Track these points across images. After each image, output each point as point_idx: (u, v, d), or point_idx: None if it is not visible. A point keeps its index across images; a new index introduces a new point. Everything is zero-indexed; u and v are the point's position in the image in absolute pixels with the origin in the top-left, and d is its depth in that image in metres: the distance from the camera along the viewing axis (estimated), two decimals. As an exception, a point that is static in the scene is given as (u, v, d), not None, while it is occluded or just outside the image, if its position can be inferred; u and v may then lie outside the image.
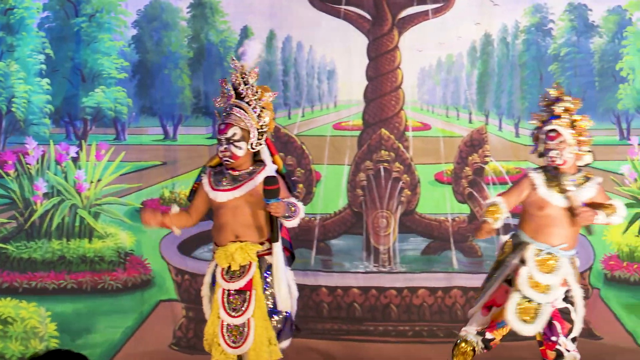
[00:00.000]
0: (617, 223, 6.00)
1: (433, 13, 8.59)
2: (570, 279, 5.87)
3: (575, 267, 5.97)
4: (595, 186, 5.92)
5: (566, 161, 5.85)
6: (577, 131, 5.87)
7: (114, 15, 8.62)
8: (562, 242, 5.86)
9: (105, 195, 8.60)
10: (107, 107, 8.58)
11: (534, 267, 5.82)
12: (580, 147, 5.88)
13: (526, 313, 5.85)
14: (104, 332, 8.42)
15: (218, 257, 5.73)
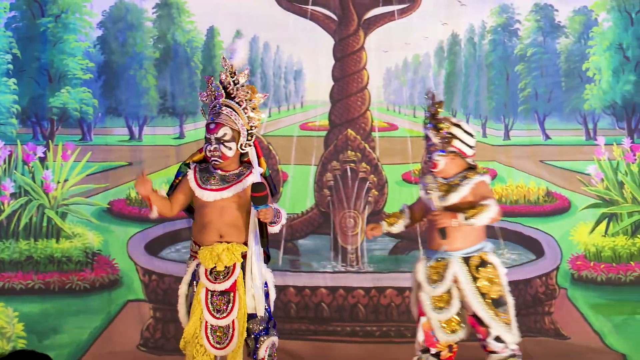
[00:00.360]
0: (481, 224, 6.05)
1: (399, 13, 9.13)
2: (462, 278, 6.11)
3: (477, 264, 6.15)
4: (469, 185, 6.11)
5: (436, 164, 6.15)
6: (440, 134, 6.15)
7: (79, 16, 9.09)
8: (443, 244, 6.13)
9: (72, 196, 9.04)
10: (73, 108, 9.05)
11: (424, 282, 6.20)
12: (446, 149, 6.14)
13: (449, 325, 6.25)
14: (71, 333, 8.77)
15: (203, 257, 5.87)
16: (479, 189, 6.10)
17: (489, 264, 6.16)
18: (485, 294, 6.09)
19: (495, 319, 6.09)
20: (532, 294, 8.91)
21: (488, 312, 6.08)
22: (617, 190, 9.06)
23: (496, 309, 6.10)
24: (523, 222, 9.26)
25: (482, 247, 6.18)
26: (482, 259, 6.15)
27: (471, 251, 6.15)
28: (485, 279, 6.11)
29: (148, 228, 9.12)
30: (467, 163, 6.24)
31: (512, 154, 9.29)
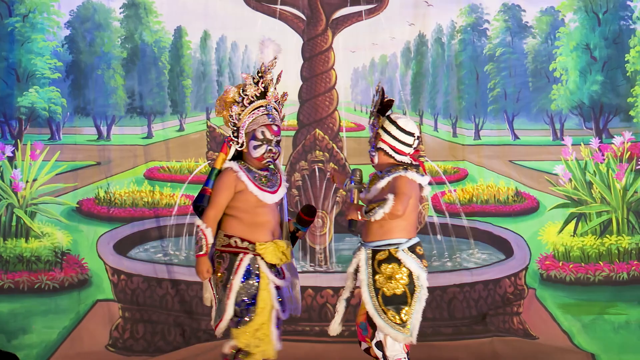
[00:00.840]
0: (376, 218, 6.22)
1: (367, 14, 9.83)
2: (362, 268, 6.49)
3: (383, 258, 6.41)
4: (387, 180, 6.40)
5: (372, 158, 6.60)
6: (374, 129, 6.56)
7: (47, 15, 9.74)
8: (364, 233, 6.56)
9: (41, 195, 9.67)
10: (41, 107, 9.70)
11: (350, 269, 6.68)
12: (376, 145, 6.53)
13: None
14: (40, 333, 9.36)
15: (269, 253, 6.45)
16: (394, 182, 6.35)
17: (394, 261, 6.37)
18: (379, 289, 6.37)
19: (380, 314, 6.38)
20: (501, 294, 9.60)
21: (375, 306, 6.39)
22: (586, 190, 9.74)
23: (386, 306, 6.36)
24: (493, 221, 9.91)
25: (396, 242, 6.41)
26: (390, 254, 6.39)
27: (381, 245, 6.43)
28: (384, 275, 6.37)
29: (117, 227, 9.80)
30: (397, 160, 6.49)
31: (483, 154, 9.96)
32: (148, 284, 9.53)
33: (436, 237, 9.76)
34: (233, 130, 6.51)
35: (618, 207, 9.69)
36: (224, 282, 6.43)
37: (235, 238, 6.46)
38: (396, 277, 6.38)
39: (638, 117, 9.74)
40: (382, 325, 6.42)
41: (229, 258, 6.46)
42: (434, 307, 9.47)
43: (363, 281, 6.50)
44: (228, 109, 6.49)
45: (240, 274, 6.39)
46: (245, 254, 6.44)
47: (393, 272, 6.38)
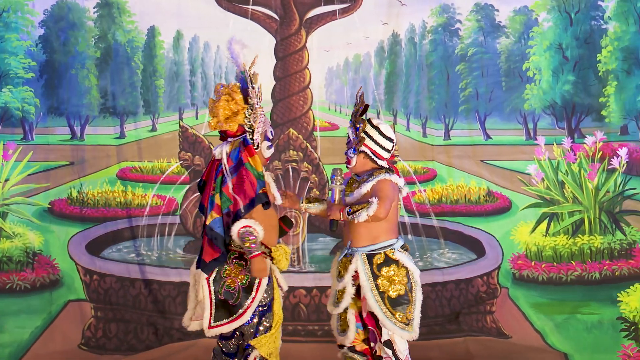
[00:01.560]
0: (360, 220, 6.37)
1: (340, 13, 9.93)
2: (362, 275, 6.59)
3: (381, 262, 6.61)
4: (371, 183, 6.60)
5: (350, 160, 6.76)
6: (356, 133, 6.74)
7: (21, 14, 9.81)
8: (349, 240, 6.70)
9: (13, 195, 9.73)
10: (15, 107, 9.77)
11: (334, 277, 6.82)
12: (357, 148, 6.71)
13: (345, 324, 6.80)
14: (12, 333, 9.44)
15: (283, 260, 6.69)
16: (378, 186, 6.56)
17: (393, 262, 6.62)
18: (384, 293, 6.55)
19: (390, 318, 6.55)
20: (474, 293, 9.71)
21: (383, 311, 6.54)
22: (558, 190, 9.84)
23: (392, 308, 6.55)
24: (464, 221, 10.03)
25: (389, 244, 6.67)
26: (387, 256, 6.63)
27: (376, 248, 6.63)
28: (385, 277, 6.58)
29: (89, 228, 9.89)
30: (377, 164, 6.72)
31: (453, 154, 10.07)
32: (121, 284, 9.59)
33: (407, 237, 9.85)
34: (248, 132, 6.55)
35: (590, 207, 9.78)
36: (246, 286, 6.46)
37: None
38: (396, 280, 6.61)
39: (610, 117, 9.84)
40: (392, 328, 6.60)
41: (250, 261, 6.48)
42: (407, 306, 9.60)
43: (366, 287, 6.60)
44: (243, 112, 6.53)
45: (265, 279, 6.48)
46: (264, 258, 6.50)
47: (394, 274, 6.61)
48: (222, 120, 6.50)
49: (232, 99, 6.52)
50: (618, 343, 9.44)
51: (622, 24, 9.81)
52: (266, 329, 6.54)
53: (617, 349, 9.39)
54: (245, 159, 6.45)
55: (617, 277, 9.72)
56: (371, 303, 6.57)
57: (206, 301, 6.53)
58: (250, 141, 6.52)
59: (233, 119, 6.51)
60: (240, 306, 6.44)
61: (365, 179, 6.67)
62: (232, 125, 6.50)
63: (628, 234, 9.76)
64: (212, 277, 6.52)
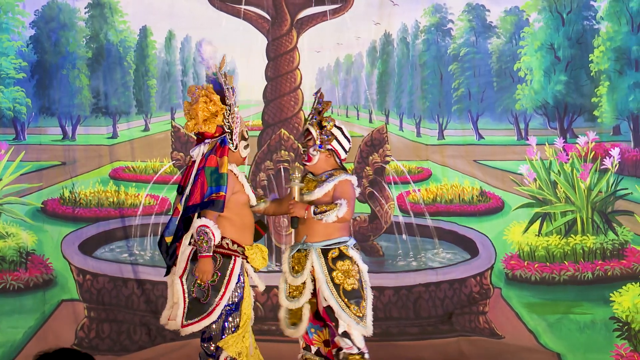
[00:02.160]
0: (328, 221, 6.64)
1: (331, 13, 10.02)
2: (318, 268, 6.81)
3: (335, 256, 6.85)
4: (333, 183, 6.85)
5: (312, 158, 6.96)
6: (322, 131, 6.96)
7: (12, 15, 9.91)
8: (304, 235, 6.87)
9: (5, 195, 9.81)
10: (6, 107, 9.85)
11: (288, 272, 6.94)
12: (324, 146, 6.93)
13: (294, 317, 7.00)
14: (5, 333, 9.51)
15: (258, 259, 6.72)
16: (341, 187, 6.83)
17: (347, 258, 6.85)
18: (339, 285, 6.77)
19: (345, 311, 6.76)
20: (467, 293, 9.78)
21: (339, 303, 6.75)
22: (550, 190, 9.92)
23: (348, 300, 6.77)
24: (458, 221, 10.12)
25: (343, 240, 6.90)
26: (341, 252, 6.87)
27: (330, 244, 6.86)
28: (341, 271, 6.80)
29: (82, 227, 9.97)
30: (337, 164, 7.03)
31: (447, 154, 10.17)
32: (114, 284, 9.66)
33: (401, 237, 9.95)
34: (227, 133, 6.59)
35: (582, 207, 9.85)
36: (215, 284, 6.50)
37: (227, 240, 6.58)
38: (352, 273, 6.85)
39: (602, 117, 9.92)
40: (348, 320, 6.79)
41: (221, 260, 6.55)
42: (400, 306, 9.69)
43: (321, 280, 6.80)
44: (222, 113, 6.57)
45: (235, 278, 6.52)
46: (236, 257, 6.57)
47: (348, 268, 6.84)
48: (201, 122, 6.54)
49: (210, 100, 6.56)
50: (611, 343, 9.50)
51: (614, 24, 9.89)
52: (233, 328, 6.58)
53: (610, 349, 9.45)
54: (208, 162, 6.48)
55: (609, 277, 9.78)
56: (327, 295, 6.77)
57: (179, 300, 6.59)
58: (229, 142, 6.57)
59: (212, 120, 6.56)
60: (209, 304, 6.49)
61: (324, 179, 6.88)
62: (210, 126, 6.56)
63: (620, 234, 9.82)
64: (184, 276, 6.57)
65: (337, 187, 6.83)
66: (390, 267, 9.96)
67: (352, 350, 6.88)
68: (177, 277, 6.59)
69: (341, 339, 6.87)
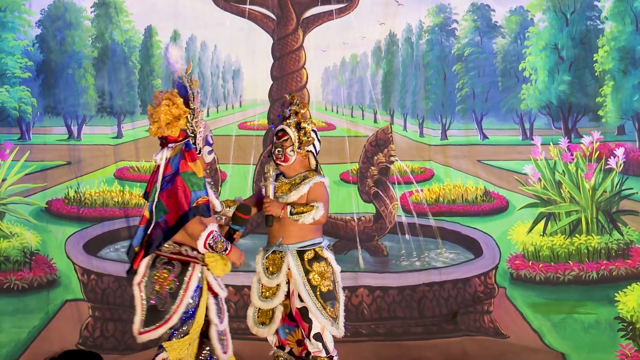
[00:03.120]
0: (305, 222, 6.82)
1: (337, 13, 10.14)
2: (294, 269, 6.94)
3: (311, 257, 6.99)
4: (309, 185, 7.03)
5: (288, 159, 7.07)
6: (301, 132, 7.09)
7: (18, 14, 10.00)
8: (279, 236, 6.98)
9: (10, 195, 9.89)
10: (12, 107, 9.94)
11: (262, 273, 7.03)
12: (302, 147, 7.09)
13: (264, 317, 7.09)
14: (9, 332, 9.58)
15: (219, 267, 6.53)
16: (315, 189, 7.03)
17: (323, 259, 7.02)
18: (316, 287, 6.92)
19: (321, 311, 6.91)
20: (471, 293, 9.89)
21: (315, 304, 6.90)
22: (555, 190, 10.03)
23: (324, 302, 6.92)
24: (461, 221, 10.22)
25: (318, 242, 7.06)
26: (316, 253, 7.02)
27: (306, 245, 7.01)
28: (317, 272, 6.96)
29: (87, 227, 10.03)
30: (311, 166, 7.21)
31: (450, 154, 10.27)
32: (119, 284, 9.72)
33: (404, 237, 10.06)
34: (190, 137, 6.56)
35: (587, 207, 9.96)
36: (173, 291, 6.45)
37: (185, 247, 6.52)
38: (327, 275, 7.02)
39: (606, 117, 10.02)
40: (324, 321, 6.94)
41: (180, 267, 6.49)
42: (404, 306, 9.79)
43: (298, 281, 6.96)
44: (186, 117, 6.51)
45: (193, 285, 6.46)
46: (195, 264, 6.50)
47: (324, 269, 7.01)
48: (164, 126, 6.48)
49: (173, 103, 6.50)
50: (615, 343, 9.59)
51: (618, 24, 10.00)
52: (182, 334, 6.53)
53: (615, 349, 9.54)
54: (183, 167, 6.43)
55: (614, 277, 9.89)
56: (304, 296, 6.92)
57: (137, 306, 6.57)
58: (193, 146, 6.54)
59: (175, 123, 6.50)
60: (166, 312, 6.45)
61: (299, 181, 7.06)
62: (173, 130, 6.50)
63: (625, 234, 9.92)
64: (143, 283, 6.54)
65: (312, 189, 7.02)
66: (394, 267, 10.05)
67: (320, 353, 7.01)
68: (135, 284, 6.55)
69: (311, 342, 7.01)
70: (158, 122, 6.48)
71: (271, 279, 6.99)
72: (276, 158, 7.10)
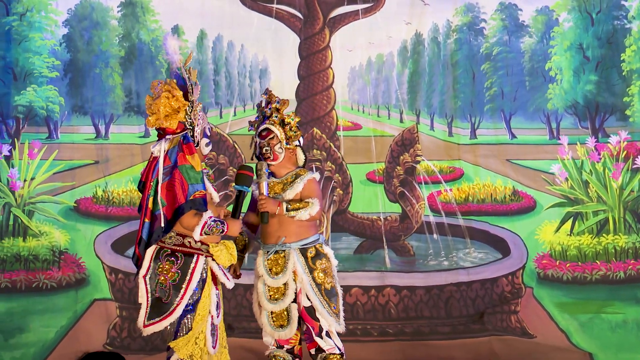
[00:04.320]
0: (301, 218, 6.90)
1: (363, 13, 10.25)
2: (300, 269, 6.98)
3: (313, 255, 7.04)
4: (303, 182, 7.06)
5: (277, 156, 7.09)
6: (286, 128, 7.13)
7: (45, 14, 10.12)
8: (282, 236, 7.00)
9: (38, 194, 9.99)
10: (39, 106, 10.05)
11: (266, 275, 7.01)
12: (289, 142, 7.12)
13: (280, 319, 7.05)
14: (37, 331, 9.64)
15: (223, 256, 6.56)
16: (309, 186, 7.07)
17: (323, 256, 7.09)
18: (320, 285, 6.99)
19: (327, 309, 6.99)
20: (499, 292, 9.96)
21: (322, 302, 6.98)
22: (582, 190, 10.11)
23: (329, 299, 7.02)
24: (490, 221, 10.28)
25: (317, 238, 7.11)
26: (317, 250, 7.08)
27: (307, 242, 7.06)
28: (320, 270, 7.03)
29: (115, 226, 10.13)
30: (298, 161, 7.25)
31: (479, 153, 10.35)
32: (186, 284, 9.78)
33: (432, 236, 10.15)
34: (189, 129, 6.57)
35: (614, 206, 10.04)
36: (176, 283, 6.46)
37: (189, 238, 6.51)
38: (329, 272, 7.10)
39: (634, 116, 10.09)
40: (329, 320, 7.03)
41: (183, 259, 6.50)
42: (431, 306, 9.89)
43: (305, 280, 7.00)
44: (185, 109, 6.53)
45: (196, 277, 6.47)
46: (199, 255, 6.51)
47: (326, 266, 7.09)
48: (162, 118, 6.51)
49: (172, 95, 6.52)
50: (643, 342, 9.62)
51: (647, 24, 10.07)
52: (185, 330, 6.54)
53: (642, 349, 9.57)
54: (181, 160, 6.46)
55: (641, 277, 9.94)
56: (311, 295, 6.98)
57: (143, 299, 6.63)
58: (191, 138, 6.57)
59: (173, 116, 6.54)
60: (171, 304, 6.47)
61: (291, 179, 7.11)
62: (172, 122, 6.54)
63: (652, 233, 9.97)
64: (147, 275, 6.61)
65: (305, 186, 7.06)
66: (422, 267, 10.13)
67: (334, 350, 7.10)
68: (140, 276, 6.63)
69: (323, 340, 7.08)
70: (157, 114, 6.51)
71: (276, 279, 7.00)
72: (265, 157, 7.10)
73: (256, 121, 7.26)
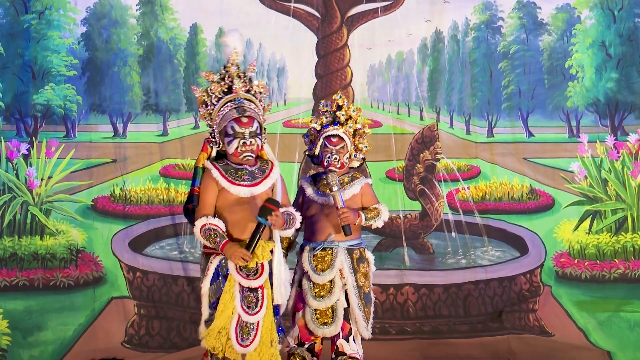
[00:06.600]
0: (378, 226, 6.96)
1: (382, 11, 10.15)
2: (346, 271, 6.91)
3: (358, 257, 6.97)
4: (359, 185, 7.06)
5: (344, 165, 7.04)
6: (356, 139, 7.11)
7: (63, 12, 10.05)
8: (330, 234, 6.94)
9: (56, 193, 9.93)
10: (57, 105, 9.98)
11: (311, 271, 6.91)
12: (357, 154, 7.14)
13: (324, 317, 6.91)
14: (55, 330, 9.59)
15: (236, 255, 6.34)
16: (368, 191, 7.09)
17: (366, 260, 7.03)
18: (361, 288, 6.92)
19: (362, 313, 6.90)
20: (517, 291, 9.87)
21: (359, 305, 6.89)
22: (601, 188, 10.01)
23: (366, 303, 6.93)
24: (507, 219, 10.21)
25: (361, 242, 7.07)
26: (361, 253, 7.02)
27: (354, 244, 7.00)
28: (362, 274, 6.96)
29: (132, 225, 10.07)
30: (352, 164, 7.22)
31: (496, 151, 10.26)
32: (164, 281, 9.75)
33: (450, 235, 10.06)
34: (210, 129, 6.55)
35: (633, 205, 9.94)
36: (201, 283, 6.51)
37: None
38: (369, 276, 7.05)
39: (654, 114, 9.99)
40: (362, 323, 6.95)
41: (204, 259, 6.55)
42: (449, 304, 9.80)
43: (349, 281, 6.91)
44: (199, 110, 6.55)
45: (209, 276, 6.42)
46: (216, 255, 6.44)
47: (367, 271, 7.04)
48: None
49: None
50: (661, 341, 9.52)
51: (668, 21, 9.97)
52: (208, 323, 6.43)
53: (661, 347, 9.47)
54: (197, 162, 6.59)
55: (660, 275, 9.84)
56: (352, 297, 6.90)
57: None
58: (212, 138, 6.56)
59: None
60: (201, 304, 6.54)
61: (347, 180, 7.07)
62: None
63: (672, 232, 9.87)
64: None
65: (364, 191, 7.06)
66: (440, 265, 10.06)
67: (357, 355, 6.98)
68: None
69: (348, 343, 6.96)
70: None
71: (322, 275, 6.89)
72: (332, 164, 6.99)
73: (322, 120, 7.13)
